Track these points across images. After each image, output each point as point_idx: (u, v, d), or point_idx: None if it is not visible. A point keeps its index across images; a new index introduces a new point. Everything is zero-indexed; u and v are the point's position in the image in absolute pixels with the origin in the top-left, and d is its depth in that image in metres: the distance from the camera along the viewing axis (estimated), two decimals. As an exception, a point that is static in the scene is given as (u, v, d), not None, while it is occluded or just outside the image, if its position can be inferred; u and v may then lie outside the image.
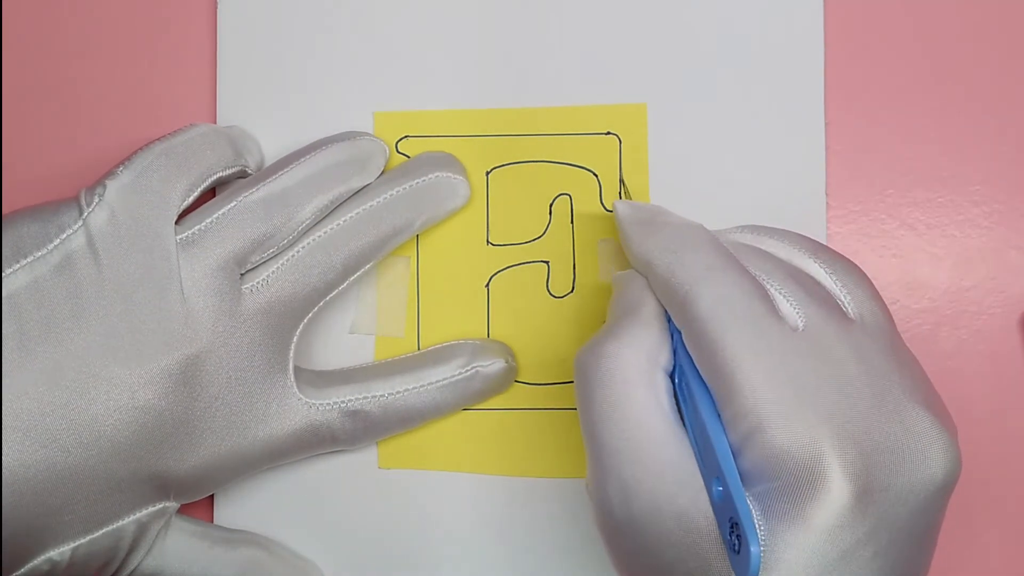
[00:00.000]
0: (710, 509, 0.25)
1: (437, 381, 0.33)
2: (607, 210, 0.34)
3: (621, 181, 0.34)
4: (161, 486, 0.30)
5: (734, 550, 0.23)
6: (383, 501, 0.35)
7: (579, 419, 0.28)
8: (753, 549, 0.23)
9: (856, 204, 0.34)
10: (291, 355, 0.32)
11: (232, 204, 0.31)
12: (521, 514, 0.34)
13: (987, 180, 0.34)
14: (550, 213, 0.34)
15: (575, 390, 0.28)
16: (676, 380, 0.28)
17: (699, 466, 0.25)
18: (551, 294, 0.34)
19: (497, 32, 0.35)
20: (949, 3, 0.34)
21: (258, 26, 0.35)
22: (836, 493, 0.24)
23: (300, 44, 0.35)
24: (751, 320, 0.26)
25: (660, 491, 0.25)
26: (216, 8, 0.36)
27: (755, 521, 0.24)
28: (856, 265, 0.29)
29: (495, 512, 0.34)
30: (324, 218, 0.32)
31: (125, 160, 0.31)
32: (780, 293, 0.27)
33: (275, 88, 0.35)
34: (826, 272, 0.28)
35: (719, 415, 0.26)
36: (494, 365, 0.33)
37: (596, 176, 0.34)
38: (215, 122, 0.35)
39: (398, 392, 0.32)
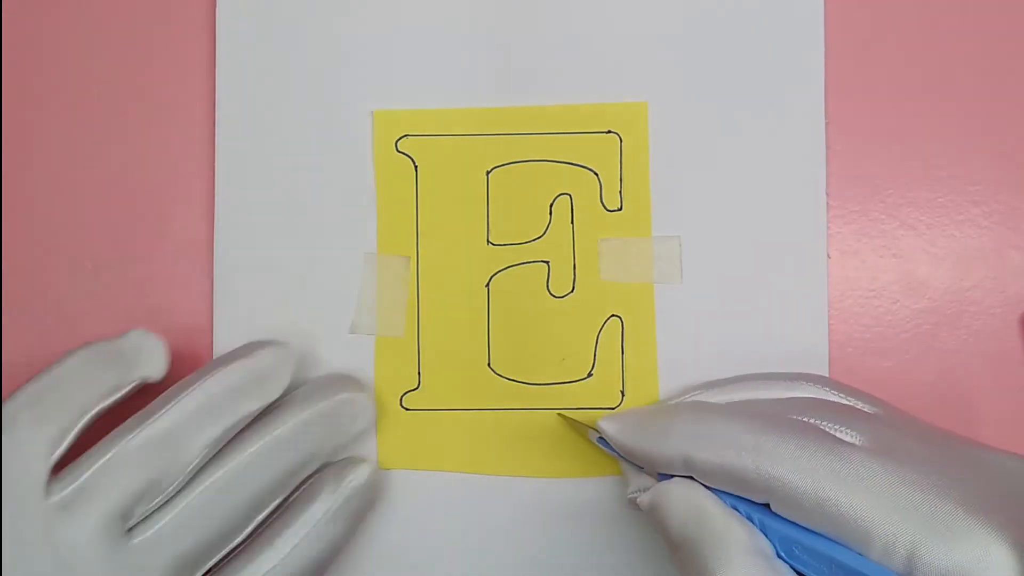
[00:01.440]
0: None
1: (307, 532, 0.30)
2: (608, 209, 0.34)
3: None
4: None
5: None
6: (383, 501, 0.34)
7: None
8: None
9: (856, 204, 0.34)
10: None
11: (110, 454, 0.29)
12: (521, 514, 0.34)
13: (987, 180, 0.34)
14: (550, 212, 0.34)
15: None
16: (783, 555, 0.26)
17: None
18: (551, 294, 0.34)
19: (497, 30, 0.35)
20: (950, 3, 0.34)
21: (257, 26, 0.35)
22: (1004, 568, 0.23)
23: (299, 43, 0.35)
24: (833, 456, 0.25)
25: None
26: (216, 8, 0.35)
27: None
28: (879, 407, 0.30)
29: (495, 512, 0.34)
30: (221, 451, 0.30)
31: None
32: (826, 425, 0.27)
33: (274, 87, 0.35)
34: (837, 395, 0.29)
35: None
36: (360, 473, 0.32)
37: (597, 175, 0.34)
38: (215, 122, 0.35)
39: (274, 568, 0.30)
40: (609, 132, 0.34)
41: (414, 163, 0.35)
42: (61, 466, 0.29)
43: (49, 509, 0.28)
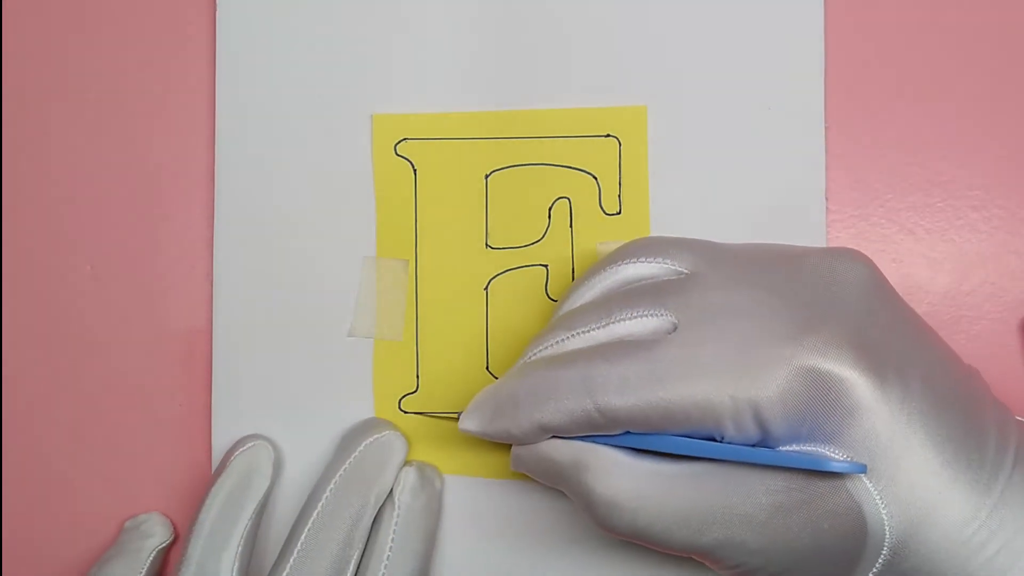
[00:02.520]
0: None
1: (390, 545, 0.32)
2: (606, 213, 0.34)
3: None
4: None
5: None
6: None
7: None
8: (838, 464, 0.25)
9: (855, 208, 0.34)
10: None
11: None
12: (521, 517, 0.34)
13: (986, 185, 0.34)
14: (549, 216, 0.34)
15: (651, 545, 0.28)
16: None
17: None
18: (550, 297, 0.34)
19: (497, 34, 0.35)
20: (949, 8, 0.34)
21: (257, 27, 0.35)
22: (858, 392, 0.25)
23: (299, 46, 0.35)
24: (644, 363, 0.27)
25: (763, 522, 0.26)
26: (216, 9, 0.35)
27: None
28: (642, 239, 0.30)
29: (493, 515, 0.34)
30: (283, 547, 0.32)
31: None
32: (630, 322, 0.28)
33: (274, 90, 0.35)
34: (651, 262, 0.30)
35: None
36: (407, 478, 0.33)
37: (596, 179, 0.34)
38: (215, 125, 0.35)
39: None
40: (608, 136, 0.34)
41: (413, 166, 0.35)
42: None
43: None
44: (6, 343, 0.36)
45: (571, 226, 0.34)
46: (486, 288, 0.35)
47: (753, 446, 0.26)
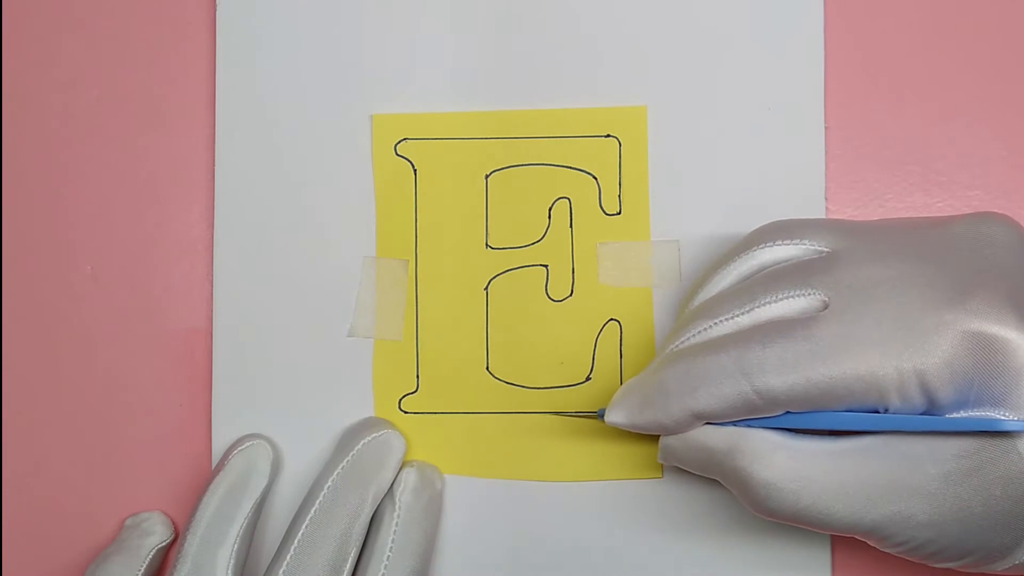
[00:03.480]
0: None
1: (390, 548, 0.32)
2: (606, 213, 0.34)
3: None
4: None
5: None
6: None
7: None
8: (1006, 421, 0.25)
9: (855, 208, 0.34)
10: None
11: None
12: (520, 517, 0.34)
13: (985, 185, 0.34)
14: (549, 217, 0.34)
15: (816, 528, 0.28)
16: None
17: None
18: (550, 298, 0.34)
19: (497, 34, 0.35)
20: (949, 7, 0.34)
21: (257, 27, 0.35)
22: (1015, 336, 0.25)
23: (299, 46, 0.35)
24: (801, 342, 0.27)
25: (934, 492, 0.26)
26: (216, 9, 0.35)
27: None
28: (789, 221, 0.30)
29: (492, 515, 0.34)
30: (282, 541, 0.32)
31: None
32: (776, 305, 0.28)
33: (273, 90, 0.35)
34: (790, 243, 0.29)
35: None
36: (408, 478, 0.33)
37: (596, 179, 0.34)
38: (215, 125, 0.35)
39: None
40: (608, 136, 0.34)
41: (413, 167, 0.35)
42: None
43: None
44: (6, 343, 0.36)
45: (571, 226, 0.34)
46: (486, 288, 0.35)
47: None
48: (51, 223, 0.36)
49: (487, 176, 0.35)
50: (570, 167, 0.34)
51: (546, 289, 0.34)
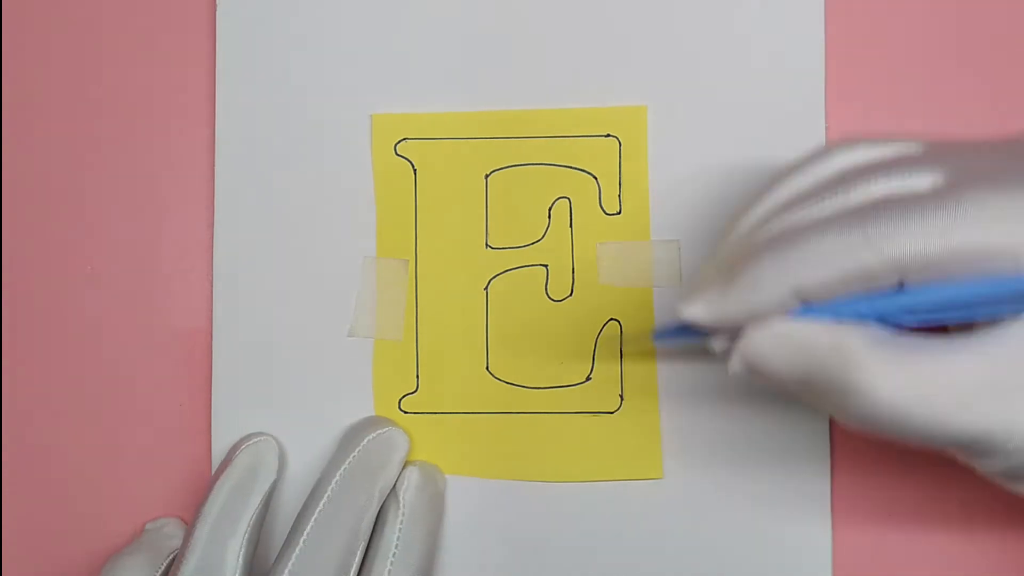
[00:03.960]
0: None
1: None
2: (606, 213, 0.34)
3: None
4: None
5: None
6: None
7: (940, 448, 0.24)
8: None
9: (856, 208, 0.34)
10: None
11: None
12: (520, 517, 0.34)
13: (987, 185, 0.34)
14: (549, 216, 0.34)
15: (908, 442, 0.24)
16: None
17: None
18: (550, 298, 0.34)
19: (497, 34, 0.35)
20: (949, 5, 0.34)
21: (257, 27, 0.35)
22: None
23: (298, 45, 0.35)
24: (927, 208, 0.23)
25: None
26: (215, 9, 0.35)
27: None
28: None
29: (492, 515, 0.34)
30: (285, 541, 0.31)
31: None
32: (899, 176, 0.24)
33: (273, 90, 0.35)
34: (876, 147, 0.26)
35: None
36: (410, 477, 0.33)
37: (596, 179, 0.34)
38: (215, 125, 0.35)
39: None
40: (608, 136, 0.34)
41: (413, 166, 0.35)
42: None
43: None
44: (6, 343, 0.36)
45: (571, 226, 0.34)
46: (486, 288, 0.35)
47: None
48: (51, 223, 0.36)
49: (487, 176, 0.35)
50: (570, 167, 0.34)
51: (546, 289, 0.34)
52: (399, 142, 0.35)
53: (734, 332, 0.25)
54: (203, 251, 0.36)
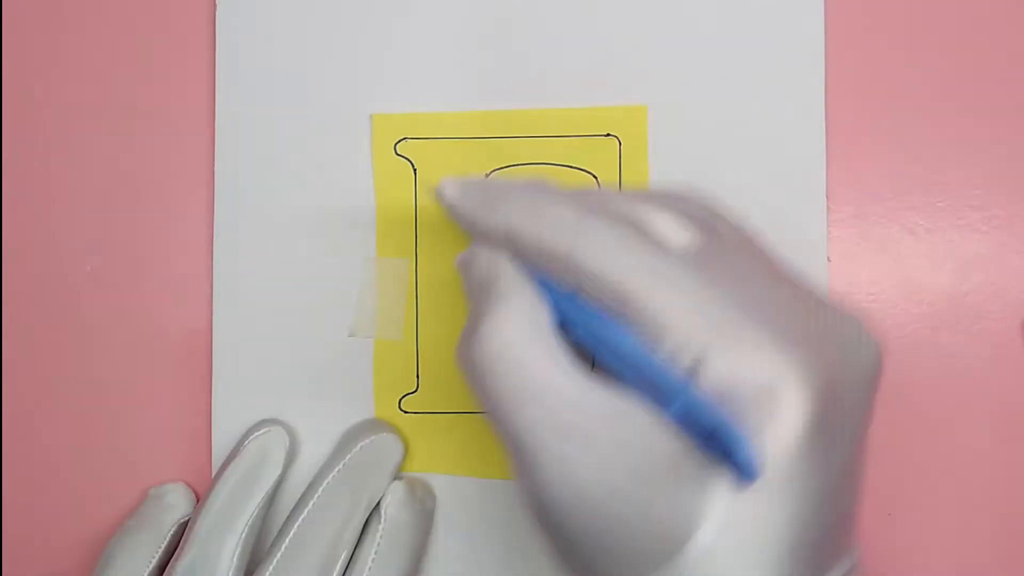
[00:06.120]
0: (670, 435, 0.23)
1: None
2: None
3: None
4: None
5: (722, 456, 0.22)
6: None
7: (487, 418, 0.25)
8: (743, 442, 0.22)
9: (856, 208, 0.34)
10: None
11: None
12: (519, 518, 0.34)
13: (987, 185, 0.34)
14: (549, 216, 0.34)
15: (470, 389, 0.25)
16: (572, 335, 0.25)
17: (637, 403, 0.23)
18: (550, 297, 0.34)
19: (497, 34, 0.35)
20: (950, 8, 0.34)
21: (257, 28, 0.35)
22: (795, 410, 0.22)
23: (298, 45, 0.35)
24: (648, 255, 0.24)
25: (602, 450, 0.23)
26: (215, 9, 0.35)
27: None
28: (705, 199, 0.28)
29: (493, 515, 0.34)
30: (276, 537, 0.32)
31: None
32: (662, 218, 0.26)
33: (273, 90, 0.35)
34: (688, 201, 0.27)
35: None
36: (395, 493, 0.33)
37: (596, 178, 0.34)
38: (215, 125, 0.35)
39: None
40: (608, 136, 0.34)
41: (413, 166, 0.35)
42: None
43: None
44: (6, 343, 0.36)
45: (571, 226, 0.34)
46: (486, 288, 0.35)
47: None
48: (51, 222, 0.36)
49: (487, 175, 0.34)
50: (570, 166, 0.34)
51: (546, 289, 0.34)
52: (399, 142, 0.35)
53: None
54: (203, 251, 0.36)
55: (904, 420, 0.34)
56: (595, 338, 0.24)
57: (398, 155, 0.35)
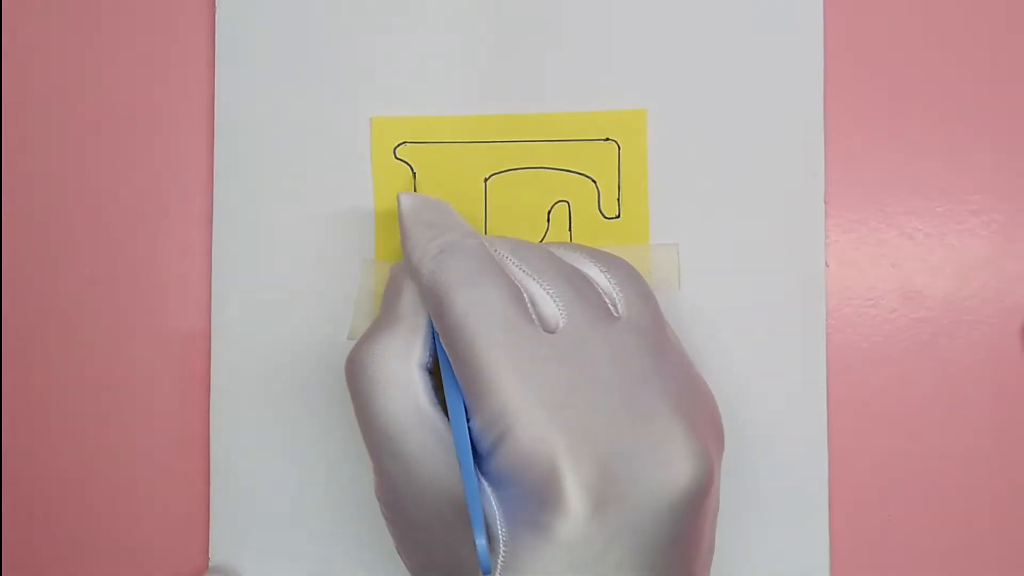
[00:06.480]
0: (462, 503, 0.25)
1: None
2: (605, 217, 0.34)
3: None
4: None
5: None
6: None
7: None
8: (479, 542, 0.23)
9: (855, 213, 0.34)
10: None
11: None
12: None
13: (986, 190, 0.34)
14: (548, 220, 0.34)
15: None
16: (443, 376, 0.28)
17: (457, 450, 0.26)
18: (548, 301, 0.34)
19: (496, 38, 0.35)
20: (949, 12, 0.34)
21: (256, 30, 0.35)
22: (572, 504, 0.23)
23: (298, 48, 0.35)
24: (504, 324, 0.26)
25: (417, 482, 0.26)
26: (215, 11, 0.35)
27: (497, 522, 0.24)
28: (630, 265, 0.30)
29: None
30: None
31: None
32: (548, 293, 0.27)
33: (273, 93, 0.35)
34: (601, 271, 0.29)
35: (468, 418, 0.26)
36: None
37: (595, 183, 0.34)
38: (214, 127, 0.35)
39: None
40: (607, 139, 0.34)
41: (412, 170, 0.35)
42: None
43: None
44: (6, 344, 0.36)
45: (570, 230, 0.34)
46: (485, 291, 0.35)
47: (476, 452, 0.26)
48: (50, 224, 0.36)
49: (486, 179, 0.34)
50: (569, 171, 0.34)
51: (545, 292, 0.34)
52: (398, 145, 0.35)
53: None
54: (202, 253, 0.36)
55: (903, 424, 0.34)
56: (447, 384, 0.27)
57: (397, 159, 0.35)
